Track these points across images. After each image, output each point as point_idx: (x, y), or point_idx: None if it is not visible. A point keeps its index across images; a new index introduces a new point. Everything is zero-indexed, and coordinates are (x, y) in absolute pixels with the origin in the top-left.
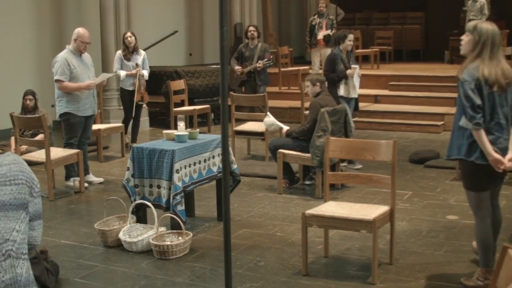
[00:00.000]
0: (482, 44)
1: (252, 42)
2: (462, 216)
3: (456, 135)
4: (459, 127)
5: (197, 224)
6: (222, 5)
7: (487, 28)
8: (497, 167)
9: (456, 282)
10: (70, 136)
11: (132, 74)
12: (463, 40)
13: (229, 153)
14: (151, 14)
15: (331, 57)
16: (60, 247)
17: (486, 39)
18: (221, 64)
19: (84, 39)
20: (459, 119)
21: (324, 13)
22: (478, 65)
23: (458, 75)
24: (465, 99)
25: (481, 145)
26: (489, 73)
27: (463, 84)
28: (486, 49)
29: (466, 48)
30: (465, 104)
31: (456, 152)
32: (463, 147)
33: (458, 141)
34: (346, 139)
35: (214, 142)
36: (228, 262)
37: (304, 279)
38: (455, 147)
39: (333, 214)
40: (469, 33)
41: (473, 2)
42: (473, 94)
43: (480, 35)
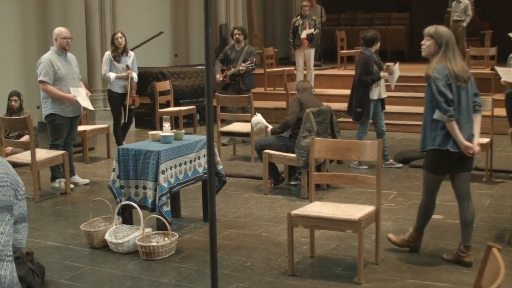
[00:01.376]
0: (445, 46)
1: (238, 44)
2: (447, 216)
3: (429, 129)
4: (431, 120)
5: (183, 225)
6: (207, 6)
7: (446, 31)
8: (467, 152)
9: (442, 281)
10: (56, 138)
11: (123, 77)
12: (424, 44)
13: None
14: (136, 15)
15: (364, 59)
16: (46, 249)
17: (447, 41)
18: (206, 65)
19: (63, 34)
20: (430, 114)
21: (307, 15)
22: (446, 64)
23: (428, 75)
24: (438, 95)
25: (453, 135)
26: (457, 70)
27: (435, 81)
28: (449, 50)
29: (429, 51)
30: (439, 99)
31: (431, 143)
32: (438, 137)
33: (432, 133)
34: (331, 140)
35: (199, 143)
36: (214, 262)
37: (290, 279)
38: (429, 138)
39: (318, 214)
40: (430, 37)
41: (457, 3)
42: (445, 89)
43: (441, 38)
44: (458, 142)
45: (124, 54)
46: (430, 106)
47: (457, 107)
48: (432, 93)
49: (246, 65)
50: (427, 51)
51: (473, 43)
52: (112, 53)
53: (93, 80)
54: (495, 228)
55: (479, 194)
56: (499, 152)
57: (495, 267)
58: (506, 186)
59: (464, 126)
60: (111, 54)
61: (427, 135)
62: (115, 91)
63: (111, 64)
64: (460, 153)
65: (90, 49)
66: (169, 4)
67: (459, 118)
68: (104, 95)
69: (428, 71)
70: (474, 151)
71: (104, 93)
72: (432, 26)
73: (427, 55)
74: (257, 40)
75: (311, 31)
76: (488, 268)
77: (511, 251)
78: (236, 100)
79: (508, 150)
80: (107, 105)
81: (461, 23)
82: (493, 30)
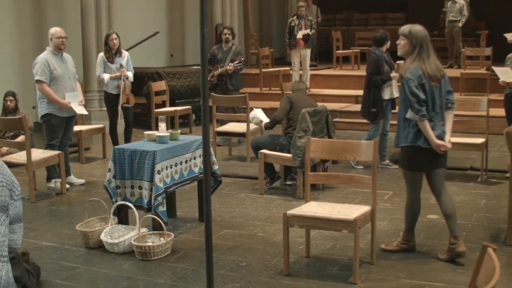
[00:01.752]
0: (419, 46)
1: (226, 44)
2: (442, 216)
3: (402, 126)
4: (404, 119)
5: (179, 225)
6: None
7: (420, 31)
8: (439, 150)
9: (437, 281)
10: (52, 138)
11: (117, 76)
12: (399, 44)
13: (210, 154)
14: (132, 15)
15: (375, 59)
16: (42, 249)
17: (421, 41)
18: (202, 65)
19: (58, 34)
20: (403, 113)
21: (303, 15)
22: (420, 64)
23: (401, 75)
24: (411, 95)
25: (425, 133)
26: (431, 70)
27: (407, 82)
28: (423, 50)
29: (404, 50)
30: (411, 100)
31: (404, 140)
32: (410, 135)
33: (405, 131)
34: (327, 140)
35: (195, 143)
36: (209, 262)
37: (286, 279)
38: (402, 136)
39: (314, 214)
40: (404, 37)
41: (452, 3)
42: (417, 90)
43: (416, 38)
44: (430, 141)
45: (117, 55)
46: (404, 104)
47: (430, 106)
48: (405, 93)
49: (234, 65)
50: (402, 51)
51: (469, 43)
52: (105, 54)
53: (89, 80)
54: (490, 228)
55: (474, 194)
56: (494, 152)
57: (490, 267)
58: (502, 186)
59: (437, 124)
60: (104, 56)
61: (401, 133)
62: (110, 92)
63: (105, 65)
64: (432, 149)
65: (86, 49)
66: (164, 4)
67: (432, 117)
68: (100, 95)
69: (402, 71)
70: (446, 148)
71: (100, 93)
72: (407, 26)
73: (402, 55)
74: (252, 40)
75: (307, 32)
76: (483, 268)
77: (506, 251)
78: (232, 100)
79: (504, 150)
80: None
81: (456, 23)
82: (489, 30)
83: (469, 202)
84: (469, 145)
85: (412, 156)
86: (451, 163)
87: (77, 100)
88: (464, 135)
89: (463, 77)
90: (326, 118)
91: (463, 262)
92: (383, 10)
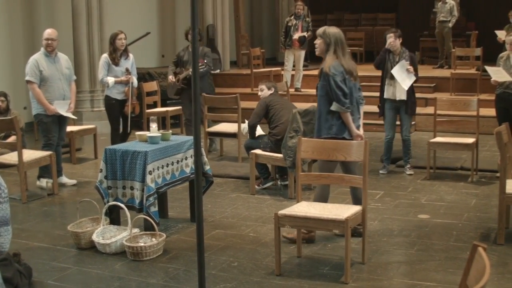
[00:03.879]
0: (334, 45)
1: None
2: (433, 215)
3: (324, 119)
4: (328, 111)
5: (171, 225)
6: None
7: (334, 31)
8: (357, 140)
9: (428, 281)
10: (48, 138)
11: (123, 81)
12: (317, 44)
13: (202, 154)
14: (123, 16)
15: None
16: (33, 250)
17: (335, 40)
18: (193, 66)
19: (45, 36)
20: (325, 106)
21: (301, 15)
22: (339, 61)
23: (326, 71)
24: (337, 89)
25: (347, 124)
26: (348, 66)
27: (333, 77)
28: (338, 48)
29: (319, 50)
30: (338, 93)
31: (326, 132)
32: (334, 127)
33: (328, 123)
34: (318, 140)
35: (186, 144)
36: (201, 263)
37: (277, 279)
38: (324, 128)
39: (305, 214)
40: (320, 37)
41: (442, 4)
42: (342, 84)
43: (329, 37)
44: (351, 131)
45: (123, 57)
46: (326, 98)
47: (349, 99)
48: (330, 88)
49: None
50: (318, 50)
51: (459, 43)
52: (110, 56)
53: (80, 80)
54: (480, 228)
55: (465, 193)
56: (484, 152)
57: (480, 266)
58: (492, 185)
59: (355, 116)
60: (109, 57)
61: (322, 125)
62: (113, 98)
63: (109, 68)
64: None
65: (77, 50)
66: (156, 5)
67: (353, 111)
68: (91, 95)
69: (325, 68)
70: (362, 138)
71: (92, 93)
72: (322, 27)
73: (319, 54)
74: (244, 41)
75: (303, 35)
76: (474, 267)
77: (496, 250)
78: (223, 101)
79: (494, 150)
80: (94, 105)
81: (447, 24)
82: (479, 31)
83: (459, 201)
84: (460, 145)
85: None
86: (441, 162)
87: (64, 108)
88: (454, 135)
89: (453, 77)
90: None
91: (454, 261)
92: (374, 11)
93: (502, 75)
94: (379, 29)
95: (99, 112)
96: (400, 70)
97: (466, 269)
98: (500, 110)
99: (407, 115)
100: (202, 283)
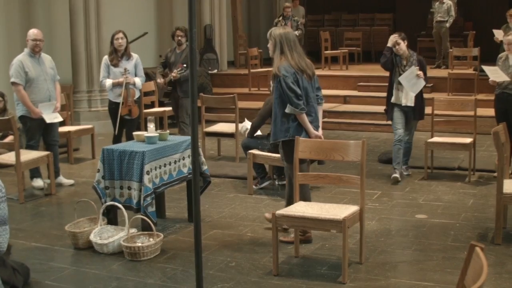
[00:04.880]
0: (279, 45)
1: (179, 47)
2: (430, 215)
3: (280, 122)
4: (283, 114)
5: (168, 225)
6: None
7: (278, 32)
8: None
9: (426, 281)
10: (30, 138)
11: (119, 83)
12: (268, 46)
13: (199, 154)
14: (121, 16)
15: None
16: (31, 250)
17: (280, 40)
18: (190, 66)
19: (32, 36)
20: (280, 109)
21: (289, 16)
22: (288, 62)
23: (276, 73)
24: (289, 90)
25: (304, 126)
26: (299, 65)
27: (284, 79)
28: (285, 49)
29: (270, 52)
30: (290, 95)
31: (283, 135)
32: (291, 129)
33: (284, 126)
34: (315, 140)
35: (184, 144)
36: (199, 263)
37: (275, 279)
38: (280, 131)
39: (303, 214)
40: (269, 39)
41: (440, 4)
42: (294, 86)
43: (274, 38)
44: (309, 132)
45: (124, 58)
46: (280, 101)
47: (305, 100)
48: (282, 90)
49: (177, 71)
50: (270, 53)
51: (456, 43)
52: (109, 57)
53: (78, 80)
54: (478, 228)
55: (462, 193)
56: (482, 152)
57: (478, 266)
58: (489, 185)
59: (314, 117)
60: (108, 58)
61: (278, 128)
62: (113, 101)
63: (108, 69)
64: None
65: (75, 50)
66: (153, 5)
67: (309, 110)
68: (88, 96)
69: (275, 70)
70: (321, 138)
71: (89, 93)
72: (271, 28)
73: (271, 56)
74: (241, 41)
75: None
76: (472, 267)
77: (494, 250)
78: (220, 101)
79: (491, 150)
80: (92, 106)
81: (444, 24)
82: (476, 30)
83: (457, 201)
84: (457, 145)
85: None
86: (439, 162)
87: (50, 110)
88: (451, 135)
89: (450, 77)
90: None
91: (452, 261)
92: (372, 11)
93: (499, 75)
94: (377, 29)
95: (97, 112)
96: (409, 77)
97: (464, 269)
98: (499, 111)
99: (415, 120)
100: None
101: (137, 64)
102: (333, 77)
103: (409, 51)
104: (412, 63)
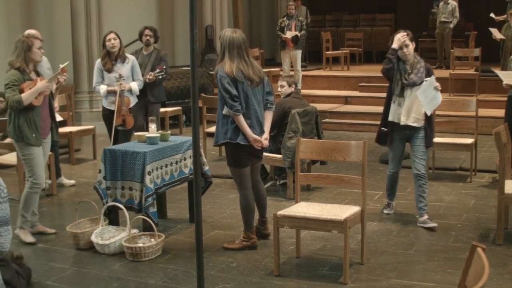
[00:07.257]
0: (224, 48)
1: (146, 48)
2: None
3: (221, 124)
4: (223, 116)
5: (169, 225)
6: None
7: (226, 35)
8: (256, 145)
9: (427, 281)
10: None
11: (115, 90)
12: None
13: (201, 155)
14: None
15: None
16: (32, 250)
17: (226, 43)
18: (191, 66)
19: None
20: (221, 110)
21: (293, 15)
22: (227, 64)
23: (215, 74)
24: (224, 91)
25: (241, 128)
26: (237, 70)
27: (220, 80)
28: (232, 51)
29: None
30: (225, 96)
31: (223, 137)
32: (229, 131)
33: (224, 128)
34: (317, 140)
35: (185, 144)
36: (200, 263)
37: (276, 279)
38: (221, 133)
39: (304, 214)
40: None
41: (444, 4)
42: (229, 87)
43: (222, 41)
44: (247, 136)
45: (118, 61)
46: (221, 102)
47: (244, 103)
48: (219, 91)
49: (155, 74)
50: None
51: (458, 44)
52: (102, 60)
53: (79, 81)
54: (479, 228)
55: (463, 194)
56: (483, 153)
57: (479, 266)
58: (491, 186)
59: (253, 121)
60: (101, 62)
61: (219, 130)
62: (107, 108)
63: (102, 74)
64: (250, 145)
65: (76, 51)
66: (154, 6)
67: (248, 113)
68: (90, 96)
69: (214, 71)
70: (262, 145)
71: (90, 94)
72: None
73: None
74: None
75: (295, 33)
76: (473, 267)
77: (495, 250)
78: None
79: (493, 150)
80: (93, 106)
81: (448, 25)
82: (477, 31)
83: (458, 202)
84: (458, 146)
85: (235, 153)
86: (440, 163)
87: None
88: (453, 135)
89: (452, 77)
90: (315, 119)
91: (453, 262)
92: (372, 11)
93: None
94: (378, 30)
95: (98, 112)
96: (428, 89)
97: (465, 270)
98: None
99: (422, 146)
100: (201, 284)
101: (133, 67)
102: (335, 77)
103: (416, 57)
104: (419, 71)
